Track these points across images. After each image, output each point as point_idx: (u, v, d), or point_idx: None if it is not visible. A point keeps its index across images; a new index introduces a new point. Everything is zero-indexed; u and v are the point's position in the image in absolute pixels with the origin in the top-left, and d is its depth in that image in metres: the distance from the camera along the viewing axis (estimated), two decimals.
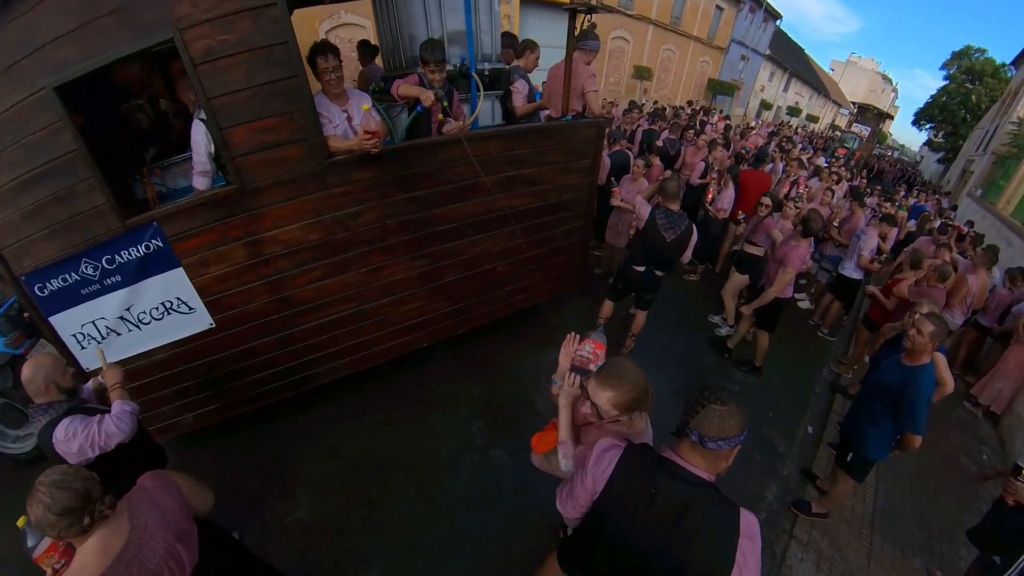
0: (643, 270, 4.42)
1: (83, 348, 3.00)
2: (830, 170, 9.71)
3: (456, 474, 3.57)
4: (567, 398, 2.08)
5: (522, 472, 2.88)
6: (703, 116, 15.47)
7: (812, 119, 42.23)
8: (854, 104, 49.21)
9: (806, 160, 11.46)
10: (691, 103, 19.51)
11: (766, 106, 33.54)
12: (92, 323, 2.95)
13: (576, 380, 2.04)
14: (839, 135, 30.19)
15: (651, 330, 5.16)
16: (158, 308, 3.03)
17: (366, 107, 3.11)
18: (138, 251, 2.82)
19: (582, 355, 2.20)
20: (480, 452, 3.77)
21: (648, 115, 12.52)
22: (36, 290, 2.81)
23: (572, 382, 2.05)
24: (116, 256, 2.81)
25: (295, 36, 2.65)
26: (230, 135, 2.71)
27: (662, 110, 14.29)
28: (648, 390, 1.88)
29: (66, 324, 2.94)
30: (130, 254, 2.82)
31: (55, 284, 2.81)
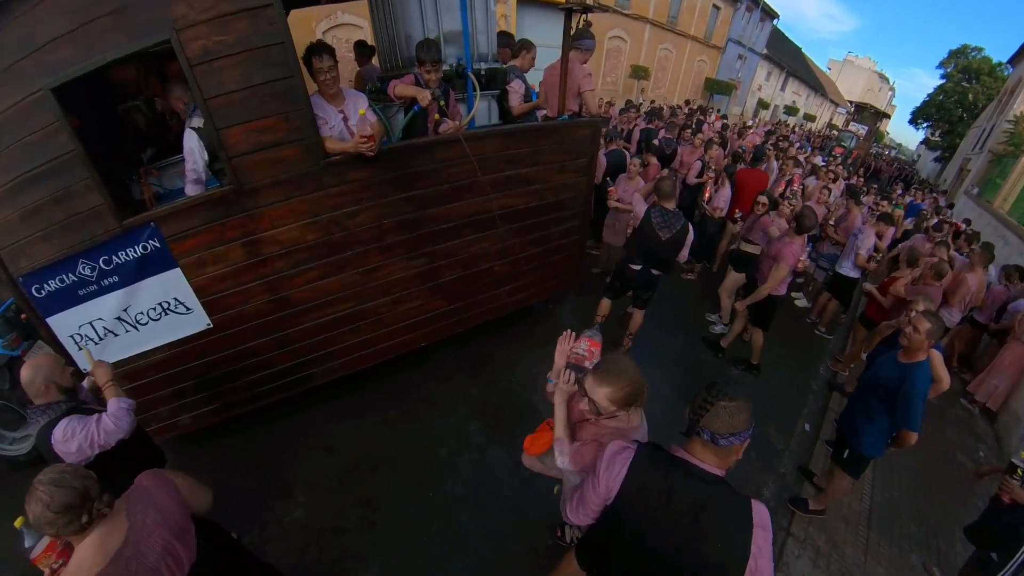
0: (639, 268, 4.43)
1: (80, 349, 3.00)
2: (827, 168, 9.72)
3: (454, 473, 3.58)
4: (563, 395, 2.10)
5: (520, 471, 2.89)
6: (700, 115, 15.49)
7: (809, 118, 42.29)
8: (851, 103, 49.33)
9: (803, 159, 11.48)
10: (688, 102, 19.53)
11: (763, 105, 33.60)
12: (90, 324, 2.96)
13: (571, 377, 2.06)
14: (836, 134, 30.24)
15: (649, 329, 5.18)
16: (155, 309, 3.03)
17: (362, 111, 3.12)
18: (135, 252, 2.82)
19: (577, 352, 2.21)
20: (478, 451, 3.78)
21: (645, 114, 12.53)
22: (33, 291, 2.81)
23: (568, 379, 2.06)
24: (113, 257, 2.81)
25: (291, 36, 2.66)
26: (227, 135, 2.71)
27: (659, 109, 14.31)
28: (644, 385, 1.89)
29: (64, 325, 2.94)
30: (127, 255, 2.82)
31: (52, 285, 2.81)
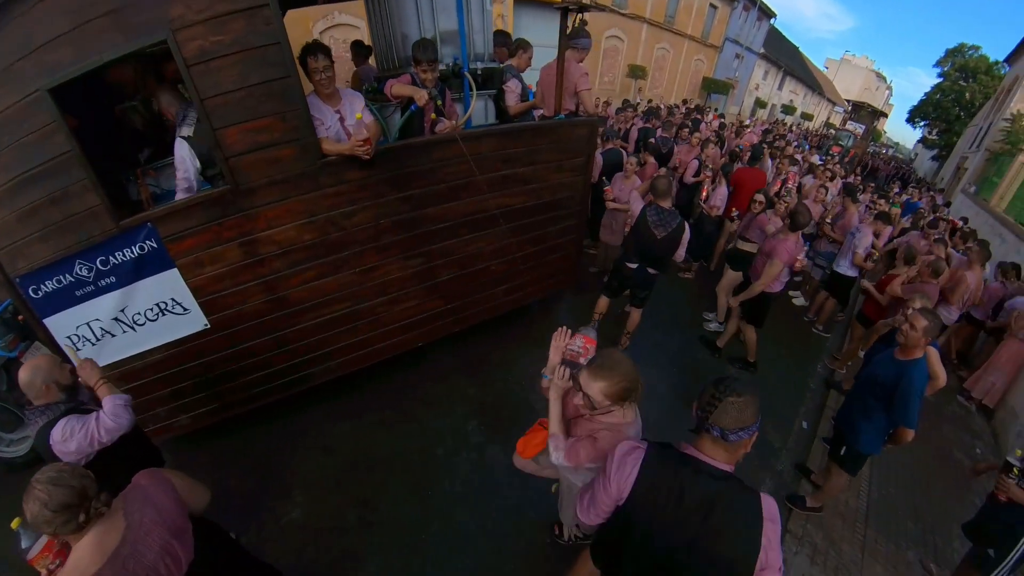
0: (636, 267, 4.44)
1: (78, 350, 2.99)
2: (825, 167, 9.74)
3: (452, 473, 3.59)
4: (557, 391, 2.12)
5: (517, 469, 2.91)
6: (696, 114, 15.50)
7: (807, 117, 42.37)
8: (848, 102, 49.39)
9: (800, 157, 11.51)
10: (686, 102, 19.56)
11: (761, 104, 33.66)
12: (87, 325, 2.95)
13: (566, 373, 2.07)
14: (834, 133, 30.30)
15: (646, 328, 5.18)
16: (152, 309, 3.03)
17: (359, 115, 3.12)
18: (132, 252, 2.82)
19: (572, 349, 2.23)
20: (476, 451, 3.78)
21: (643, 114, 12.55)
22: (30, 292, 2.81)
23: (562, 375, 2.08)
24: (110, 257, 2.81)
25: (287, 37, 2.66)
26: (223, 135, 2.71)
27: (656, 109, 14.32)
28: (638, 380, 1.91)
29: (61, 326, 2.94)
30: (124, 255, 2.82)
31: (49, 286, 2.81)
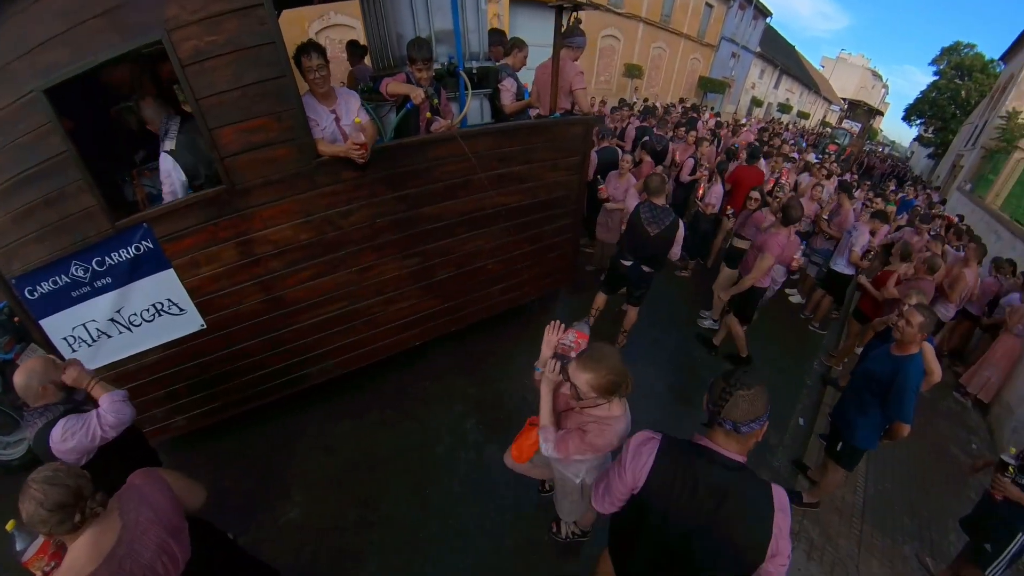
0: (630, 265, 4.45)
1: (74, 351, 2.98)
2: (821, 165, 9.78)
3: (450, 471, 3.59)
4: (549, 384, 2.16)
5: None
6: (693, 113, 15.54)
7: (803, 116, 42.49)
8: (844, 100, 49.43)
9: (797, 155, 11.55)
10: (682, 100, 19.59)
11: (757, 103, 33.72)
12: (83, 326, 2.94)
13: (557, 367, 2.10)
14: (830, 131, 30.35)
15: (643, 326, 5.20)
16: (149, 310, 3.03)
17: (357, 119, 3.11)
18: (128, 252, 2.81)
19: (564, 343, 2.27)
20: (474, 449, 3.79)
21: (639, 113, 12.57)
22: (26, 293, 2.80)
23: (553, 368, 2.10)
24: (106, 258, 2.80)
25: (282, 36, 2.66)
26: (219, 135, 2.71)
27: (653, 108, 14.35)
28: (627, 377, 1.93)
29: (57, 327, 2.92)
30: (120, 256, 2.81)
31: (45, 287, 2.80)
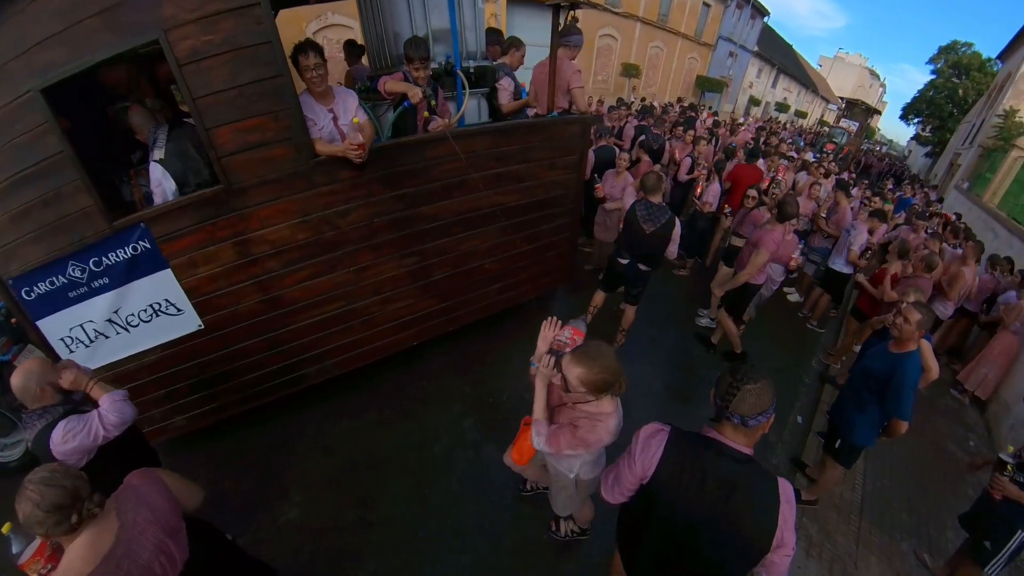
0: (627, 263, 4.46)
1: (72, 352, 2.98)
2: (819, 164, 9.80)
3: (449, 471, 3.59)
4: (543, 380, 2.20)
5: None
6: (690, 112, 15.55)
7: (800, 115, 42.54)
8: (842, 99, 49.50)
9: (796, 154, 11.56)
10: (680, 100, 19.60)
11: (755, 102, 33.76)
12: (80, 326, 2.94)
13: (552, 362, 2.12)
14: (827, 130, 30.39)
15: (641, 325, 5.19)
16: (146, 310, 3.02)
17: (355, 119, 3.11)
18: (125, 253, 2.81)
19: (560, 339, 2.31)
20: (472, 448, 3.79)
21: (637, 112, 12.57)
22: (23, 294, 2.79)
23: (548, 364, 2.13)
24: (103, 258, 2.80)
25: (279, 36, 2.66)
26: (215, 135, 2.71)
27: (651, 107, 14.37)
28: (619, 377, 1.95)
29: (54, 328, 2.92)
30: (117, 256, 2.81)
31: (42, 287, 2.79)
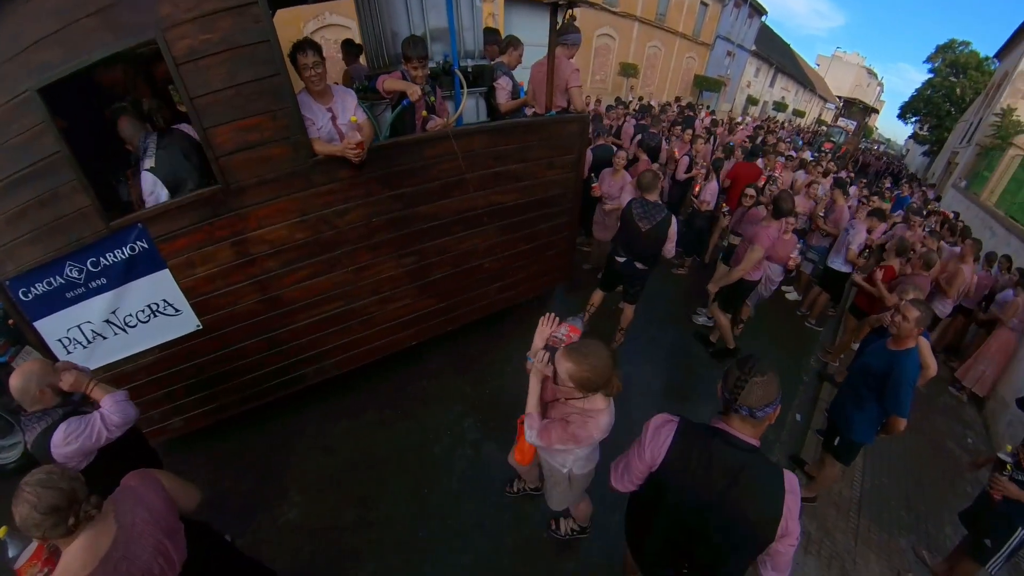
0: (623, 261, 4.46)
1: (69, 353, 2.97)
2: (817, 163, 9.82)
3: (449, 470, 3.59)
4: (538, 375, 2.23)
5: (512, 466, 2.93)
6: (689, 112, 15.56)
7: (798, 114, 42.59)
8: (840, 98, 49.70)
9: (795, 153, 11.57)
10: (678, 99, 19.62)
11: (752, 101, 33.80)
12: (78, 327, 2.93)
13: (547, 357, 2.16)
14: (825, 129, 30.43)
15: (640, 324, 5.20)
16: (144, 311, 3.02)
17: (354, 118, 3.11)
18: (123, 253, 2.80)
19: (557, 336, 2.32)
20: (472, 447, 3.79)
21: (635, 112, 12.58)
22: (20, 295, 2.78)
23: (543, 359, 2.16)
24: (101, 258, 2.79)
25: (277, 35, 2.65)
26: (213, 134, 2.70)
27: (649, 106, 14.38)
28: (609, 376, 1.98)
29: (51, 329, 2.91)
30: (115, 256, 2.80)
31: (40, 288, 2.78)
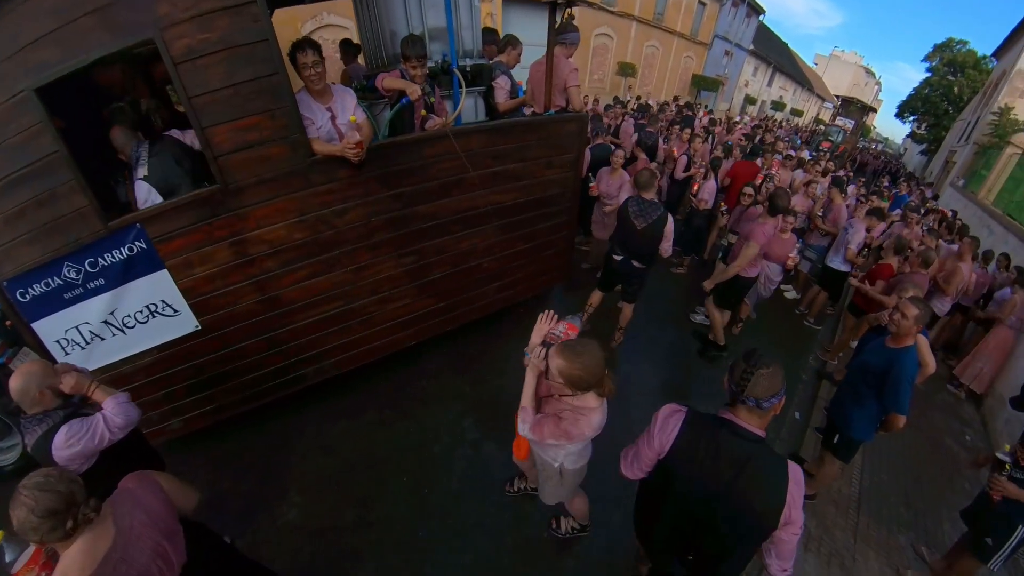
0: (620, 259, 4.47)
1: (67, 354, 2.96)
2: (816, 162, 9.82)
3: (449, 470, 3.59)
4: (533, 371, 2.26)
5: (513, 464, 2.93)
6: (687, 111, 15.56)
7: (796, 113, 42.65)
8: (838, 98, 49.70)
9: (793, 152, 11.57)
10: (676, 99, 19.62)
11: (750, 101, 33.83)
12: (76, 328, 2.92)
13: (543, 354, 2.17)
14: (823, 129, 30.46)
15: (639, 323, 5.20)
16: (143, 311, 3.01)
17: (353, 118, 3.10)
18: (121, 253, 2.79)
19: (554, 333, 2.34)
20: (472, 446, 3.79)
21: (634, 111, 12.57)
22: (18, 296, 2.77)
23: (539, 355, 2.18)
24: (99, 259, 2.78)
25: (275, 34, 2.65)
26: (212, 134, 2.70)
27: (647, 106, 14.39)
28: (599, 377, 2.03)
29: (49, 330, 2.90)
30: (113, 256, 2.79)
31: (37, 289, 2.77)
